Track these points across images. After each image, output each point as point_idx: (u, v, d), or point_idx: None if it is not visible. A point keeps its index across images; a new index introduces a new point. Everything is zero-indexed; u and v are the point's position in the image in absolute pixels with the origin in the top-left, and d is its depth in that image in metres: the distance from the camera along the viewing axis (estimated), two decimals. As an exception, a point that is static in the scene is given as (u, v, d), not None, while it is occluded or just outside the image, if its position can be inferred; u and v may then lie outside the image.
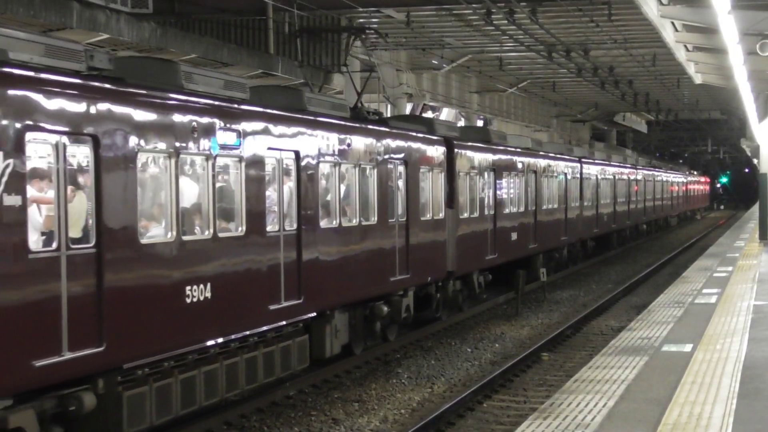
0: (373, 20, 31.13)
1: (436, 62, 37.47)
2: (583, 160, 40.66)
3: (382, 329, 20.64)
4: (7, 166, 10.33)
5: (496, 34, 32.61)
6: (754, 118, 39.06)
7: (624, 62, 40.21)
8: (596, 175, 42.82)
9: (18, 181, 10.45)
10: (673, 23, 28.07)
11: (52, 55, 11.48)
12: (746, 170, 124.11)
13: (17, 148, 10.48)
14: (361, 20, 30.94)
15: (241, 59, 25.00)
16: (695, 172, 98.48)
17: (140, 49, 22.53)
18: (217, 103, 14.15)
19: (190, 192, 13.55)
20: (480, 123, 48.34)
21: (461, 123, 44.22)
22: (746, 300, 20.06)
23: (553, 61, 36.31)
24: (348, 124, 18.58)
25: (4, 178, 10.28)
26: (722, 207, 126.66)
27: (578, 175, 39.28)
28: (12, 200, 10.37)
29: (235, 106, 14.60)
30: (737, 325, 16.68)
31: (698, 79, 37.40)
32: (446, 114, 45.89)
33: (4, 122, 10.42)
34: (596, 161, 44.14)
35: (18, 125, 10.54)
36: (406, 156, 21.02)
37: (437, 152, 23.10)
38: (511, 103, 51.61)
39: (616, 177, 47.91)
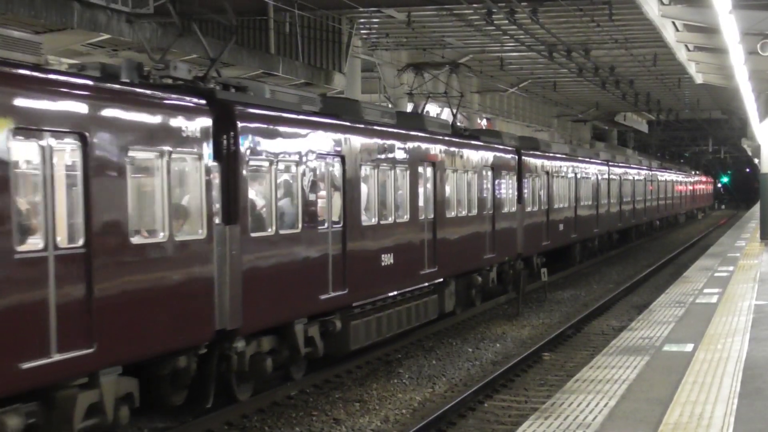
0: (374, 20, 31.14)
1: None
2: (610, 163, 46.36)
3: (474, 296, 26.34)
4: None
5: (496, 34, 32.63)
6: (755, 117, 39.04)
7: (625, 62, 40.25)
8: (619, 176, 48.05)
9: None
10: (674, 23, 28.07)
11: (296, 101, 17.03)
12: (747, 170, 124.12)
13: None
14: (362, 20, 30.96)
15: (241, 59, 25.02)
16: (698, 172, 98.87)
17: (140, 49, 22.54)
18: (413, 133, 21.40)
19: (390, 191, 19.88)
20: (481, 123, 48.33)
21: (461, 123, 44.15)
22: (747, 300, 20.05)
23: (554, 61, 36.33)
24: (460, 140, 24.49)
25: None
26: (723, 207, 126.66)
27: (606, 176, 44.48)
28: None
29: (404, 131, 20.89)
30: (738, 325, 16.68)
31: (699, 78, 37.40)
32: (447, 114, 45.88)
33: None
34: (620, 164, 49.73)
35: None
36: (492, 163, 26.67)
37: (511, 159, 28.81)
38: (512, 103, 51.64)
39: (635, 178, 53.02)
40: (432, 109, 43.36)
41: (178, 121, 13.24)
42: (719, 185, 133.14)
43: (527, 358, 20.11)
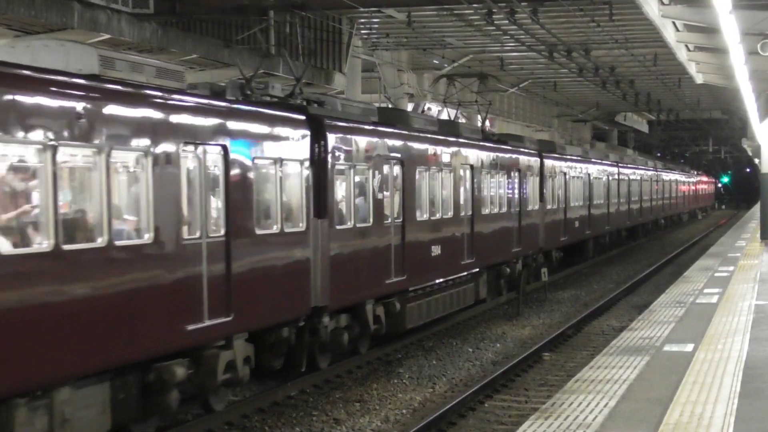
0: (374, 20, 31.14)
1: (437, 62, 37.48)
2: (619, 164, 49.21)
3: (502, 285, 28.58)
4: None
5: (497, 34, 32.62)
6: (755, 117, 39.01)
7: (625, 62, 40.21)
8: (628, 177, 50.99)
9: None
10: (674, 23, 28.05)
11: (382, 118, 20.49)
12: (747, 170, 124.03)
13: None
14: (362, 20, 30.95)
15: (242, 59, 25.00)
16: (699, 172, 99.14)
17: (141, 49, 22.52)
18: (460, 140, 24.64)
19: (438, 190, 22.68)
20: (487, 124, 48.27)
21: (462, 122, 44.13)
22: (747, 300, 20.05)
23: (555, 61, 36.32)
24: (493, 145, 27.69)
25: None
26: (723, 207, 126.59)
27: (616, 177, 47.27)
28: None
29: (448, 138, 23.79)
30: (738, 325, 16.68)
31: (699, 78, 37.37)
32: (445, 114, 45.85)
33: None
34: (628, 165, 52.63)
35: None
36: (519, 166, 29.60)
37: (534, 162, 31.60)
38: (512, 103, 51.61)
39: (642, 178, 55.70)
40: (432, 109, 43.37)
41: (286, 134, 16.14)
42: (719, 185, 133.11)
43: (527, 358, 20.11)
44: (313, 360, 17.62)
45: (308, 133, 16.70)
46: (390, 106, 35.43)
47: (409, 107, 37.71)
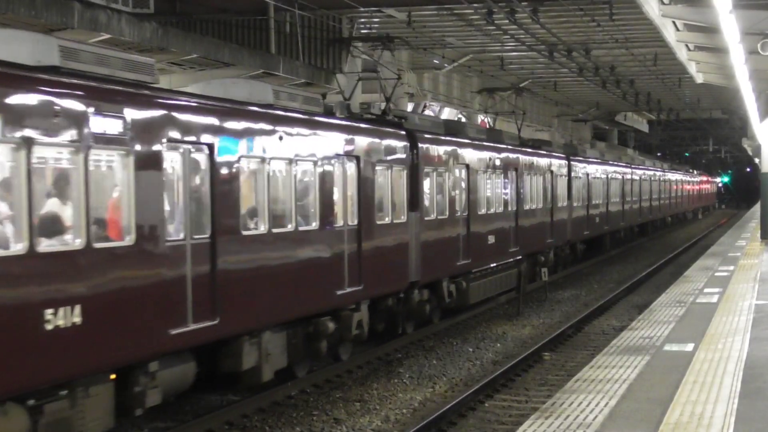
0: (374, 20, 31.12)
1: (437, 62, 37.46)
2: (633, 166, 54.28)
3: (538, 272, 32.03)
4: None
5: (497, 33, 32.60)
6: (756, 117, 39.02)
7: (625, 62, 40.19)
8: (640, 177, 55.88)
9: None
10: (674, 23, 28.04)
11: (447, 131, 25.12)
12: (747, 169, 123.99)
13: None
14: (362, 20, 30.93)
15: (242, 59, 25.00)
16: (701, 172, 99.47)
17: (141, 49, 22.50)
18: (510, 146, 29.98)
19: (492, 189, 27.13)
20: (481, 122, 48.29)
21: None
22: (748, 299, 20.05)
23: (555, 61, 36.29)
24: (532, 150, 32.27)
25: None
26: (723, 206, 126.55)
27: (629, 177, 51.94)
28: None
29: (499, 145, 28.62)
30: (739, 325, 16.68)
31: (699, 78, 37.36)
32: (447, 114, 45.88)
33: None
34: (641, 166, 57.73)
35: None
36: (552, 168, 34.42)
37: (563, 164, 36.83)
38: (513, 103, 51.52)
39: (652, 179, 60.35)
40: (432, 109, 43.35)
41: (394, 145, 20.70)
42: (719, 185, 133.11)
43: (528, 357, 20.12)
44: (402, 326, 21.74)
45: (407, 144, 21.31)
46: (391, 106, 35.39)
47: (409, 107, 37.70)
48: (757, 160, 48.69)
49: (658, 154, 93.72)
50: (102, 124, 11.85)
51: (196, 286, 13.24)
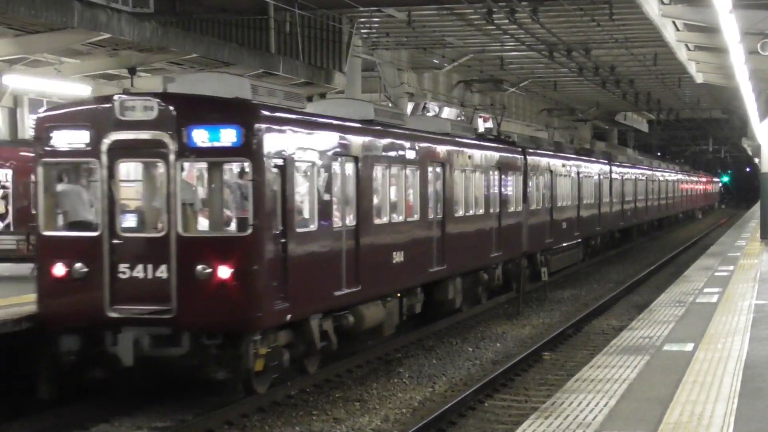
0: (374, 20, 31.14)
1: (437, 61, 37.49)
2: (654, 167, 61.74)
3: (588, 252, 40.94)
4: None
5: (497, 33, 32.65)
6: (756, 117, 38.99)
7: (625, 61, 40.24)
8: (658, 177, 62.48)
9: None
10: (674, 22, 28.03)
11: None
12: (747, 169, 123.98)
13: None
14: (362, 20, 30.95)
15: (242, 59, 25.02)
16: (701, 172, 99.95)
17: (141, 49, 22.51)
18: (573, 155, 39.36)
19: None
20: (480, 122, 48.31)
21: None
22: (747, 299, 20.03)
23: (555, 61, 36.34)
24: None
25: None
26: (723, 206, 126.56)
27: (643, 178, 56.35)
28: None
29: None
30: (738, 325, 16.68)
31: (699, 78, 37.35)
32: (447, 113, 45.91)
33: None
34: (659, 168, 64.91)
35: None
36: (596, 172, 41.92)
37: (606, 168, 44.38)
38: (512, 102, 51.61)
39: (659, 180, 64.46)
40: (432, 108, 43.36)
41: (514, 158, 29.26)
42: (720, 185, 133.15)
43: (527, 357, 20.11)
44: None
45: (522, 158, 29.88)
46: (390, 105, 35.45)
47: (409, 107, 37.73)
48: (756, 160, 48.70)
49: (658, 153, 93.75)
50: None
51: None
